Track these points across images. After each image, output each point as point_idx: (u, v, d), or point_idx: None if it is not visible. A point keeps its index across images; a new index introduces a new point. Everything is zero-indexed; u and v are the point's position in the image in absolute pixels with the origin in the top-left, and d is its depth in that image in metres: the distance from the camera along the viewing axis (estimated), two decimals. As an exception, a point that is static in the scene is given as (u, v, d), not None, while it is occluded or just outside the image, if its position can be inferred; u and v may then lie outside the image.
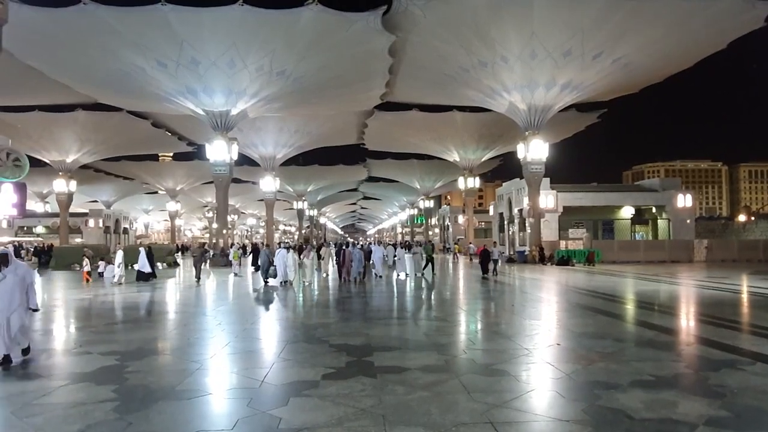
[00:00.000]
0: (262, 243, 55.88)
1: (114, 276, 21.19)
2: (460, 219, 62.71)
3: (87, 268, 21.87)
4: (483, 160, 51.31)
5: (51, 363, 8.15)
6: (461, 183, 52.21)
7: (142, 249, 22.67)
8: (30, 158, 14.45)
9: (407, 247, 25.63)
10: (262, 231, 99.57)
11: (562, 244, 35.99)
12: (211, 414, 5.76)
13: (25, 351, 7.89)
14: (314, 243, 52.50)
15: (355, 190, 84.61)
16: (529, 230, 37.08)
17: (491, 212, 56.52)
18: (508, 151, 47.09)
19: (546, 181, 36.34)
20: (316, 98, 35.02)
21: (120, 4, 24.80)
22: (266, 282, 20.12)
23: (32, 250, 43.53)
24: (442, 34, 27.51)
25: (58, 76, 30.75)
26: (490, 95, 33.04)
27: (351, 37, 26.71)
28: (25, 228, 61.86)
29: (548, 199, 36.41)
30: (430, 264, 25.14)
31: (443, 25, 26.84)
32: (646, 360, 7.69)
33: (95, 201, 69.32)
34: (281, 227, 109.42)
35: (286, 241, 56.90)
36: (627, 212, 40.82)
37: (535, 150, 34.00)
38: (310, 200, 75.49)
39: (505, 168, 62.00)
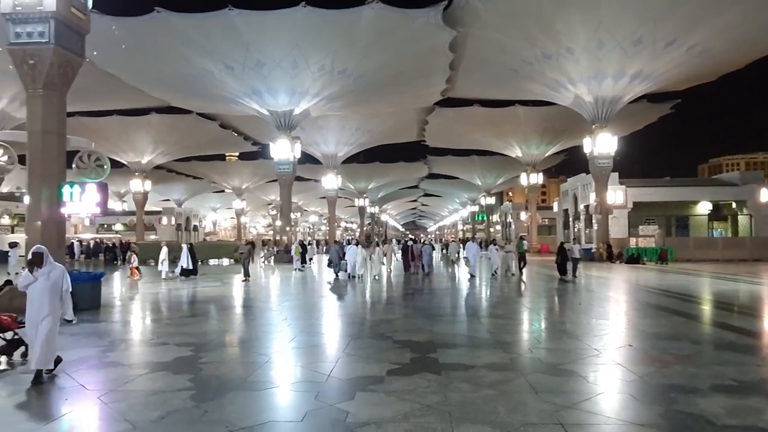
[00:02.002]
0: (325, 240, 56.79)
1: (177, 270, 22.27)
2: (523, 216, 61.39)
3: (135, 263, 22.86)
4: (546, 155, 49.94)
5: (131, 353, 8.66)
6: (524, 179, 51.06)
7: (184, 246, 23.47)
8: (109, 160, 15.36)
9: (480, 244, 25.29)
10: (324, 228, 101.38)
11: (632, 241, 34.49)
12: (281, 406, 5.93)
13: (54, 365, 6.79)
14: (376, 240, 52.94)
15: (415, 187, 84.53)
16: (596, 227, 35.80)
17: (555, 209, 55.08)
18: (574, 145, 45.64)
19: (614, 175, 34.98)
20: (376, 96, 35.23)
21: (190, 11, 25.88)
22: (337, 276, 21.30)
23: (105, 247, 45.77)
24: (504, 27, 26.98)
25: (134, 82, 32.47)
26: (554, 88, 32.10)
27: (412, 34, 26.66)
28: (105, 225, 65.80)
29: (617, 194, 35.03)
30: (523, 263, 22.34)
31: (506, 18, 26.32)
32: (727, 364, 7.27)
33: (168, 200, 72.84)
34: (343, 224, 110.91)
35: (348, 238, 57.61)
36: (703, 208, 38.58)
37: (603, 144, 32.76)
38: (371, 197, 76.07)
39: (570, 163, 60.07)
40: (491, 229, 79.40)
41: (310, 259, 30.23)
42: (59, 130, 13.12)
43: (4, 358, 7.48)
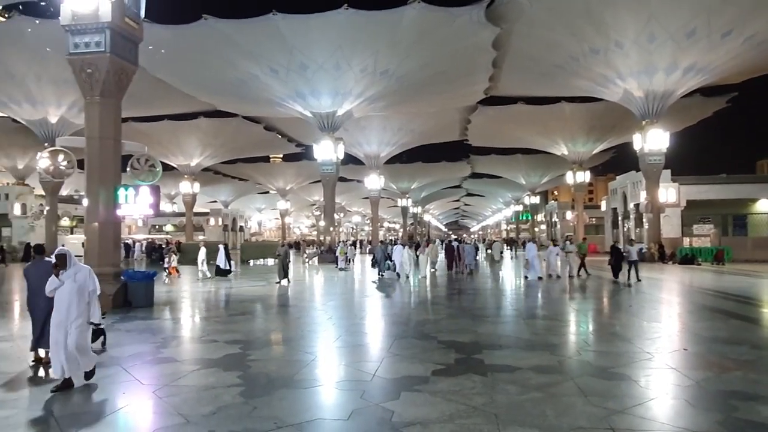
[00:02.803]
0: (368, 241, 57.02)
1: (234, 270, 22.78)
2: (569, 215, 60.01)
3: (174, 263, 23.39)
4: (594, 152, 48.64)
5: (183, 349, 8.94)
6: (570, 177, 49.87)
7: (221, 246, 23.93)
8: (160, 163, 15.90)
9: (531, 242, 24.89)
10: (367, 228, 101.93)
11: (686, 241, 33.20)
12: (327, 404, 6.00)
13: (89, 374, 6.50)
14: (418, 240, 52.82)
15: (458, 186, 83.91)
16: (646, 226, 34.63)
17: (603, 207, 53.64)
18: (622, 142, 44.31)
19: (666, 173, 33.76)
20: (419, 96, 35.17)
21: (236, 17, 26.51)
22: (381, 275, 21.68)
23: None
24: (549, 23, 26.45)
25: (183, 87, 33.53)
26: (602, 84, 31.23)
27: (454, 33, 26.49)
28: (157, 226, 68.22)
29: (669, 192, 33.80)
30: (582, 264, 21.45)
31: (551, 13, 25.81)
32: (792, 370, 6.90)
33: (215, 201, 74.88)
34: (385, 224, 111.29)
35: (392, 238, 57.74)
36: (764, 206, 36.74)
37: (654, 140, 31.65)
38: (413, 197, 75.98)
39: (619, 160, 58.50)
40: (536, 229, 77.98)
41: (350, 260, 30.47)
42: (115, 135, 13.69)
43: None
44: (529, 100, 40.23)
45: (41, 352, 7.43)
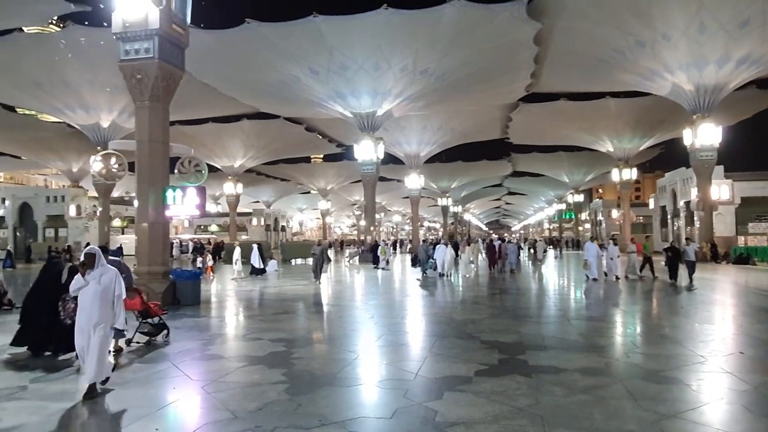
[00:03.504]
0: (409, 240, 57.00)
1: (275, 269, 23.09)
2: (615, 213, 58.38)
3: (210, 263, 23.75)
4: (641, 149, 47.11)
5: (229, 346, 9.16)
6: (615, 175, 48.49)
7: (255, 246, 24.17)
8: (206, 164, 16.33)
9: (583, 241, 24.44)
10: (407, 228, 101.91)
11: (740, 240, 31.78)
12: (371, 402, 6.04)
13: (89, 392, 5.96)
14: (457, 239, 52.47)
15: (499, 185, 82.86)
16: (698, 225, 33.34)
17: (651, 205, 51.96)
18: (671, 137, 42.79)
19: (719, 169, 32.41)
20: (459, 94, 34.90)
21: (278, 20, 26.96)
22: (425, 274, 21.84)
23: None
24: (593, 16, 25.79)
25: (227, 90, 34.31)
26: (649, 78, 30.23)
27: (494, 30, 26.17)
28: (202, 227, 70.08)
29: (722, 189, 32.45)
30: (648, 264, 20.03)
31: (595, 7, 25.16)
32: None
33: (257, 201, 76.34)
34: (426, 224, 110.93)
35: (432, 237, 57.55)
36: (825, 203, 34.84)
37: (705, 135, 30.40)
38: (453, 197, 75.50)
39: (667, 156, 56.39)
40: (579, 228, 76.22)
41: (388, 261, 30.50)
42: (164, 138, 14.15)
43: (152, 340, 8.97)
44: (572, 96, 39.33)
45: (121, 342, 8.27)
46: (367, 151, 35.99)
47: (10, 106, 38.57)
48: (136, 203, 14.78)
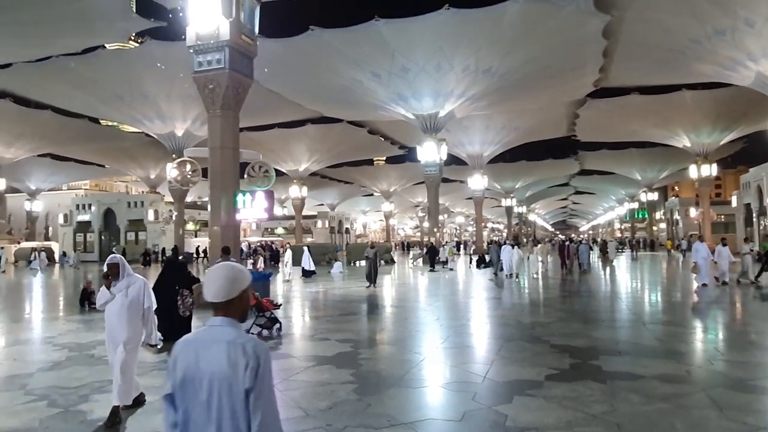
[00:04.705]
0: (472, 241, 56.37)
1: (339, 271, 23.41)
2: (693, 212, 55.20)
3: (261, 265, 23.95)
4: (721, 143, 44.26)
5: (298, 346, 9.40)
6: (693, 171, 45.78)
7: (305, 248, 24.27)
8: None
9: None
10: (470, 229, 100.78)
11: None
12: (439, 404, 6.02)
13: (136, 402, 5.61)
14: (520, 240, 51.34)
15: (565, 184, 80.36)
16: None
17: (734, 203, 48.80)
18: (756, 130, 39.96)
19: (810, 163, 29.98)
20: (522, 93, 34.17)
21: (340, 26, 27.42)
22: (496, 275, 21.94)
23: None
24: (666, 6, 24.51)
25: (292, 97, 35.25)
26: (729, 67, 28.36)
27: (560, 25, 25.42)
28: (269, 229, 72.28)
29: (814, 185, 29.96)
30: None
31: (667, -5, 23.95)
32: None
33: (322, 204, 77.89)
34: (489, 225, 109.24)
35: (497, 238, 56.65)
36: None
37: (794, 127, 28.24)
38: (518, 197, 73.97)
39: (752, 150, 52.61)
40: (654, 228, 72.63)
41: (446, 262, 30.26)
42: (234, 145, 14.72)
43: (265, 332, 9.83)
44: (645, 90, 37.54)
45: None
46: (429, 152, 35.91)
47: (95, 118, 41.44)
48: (209, 207, 15.44)
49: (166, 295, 9.33)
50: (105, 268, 5.51)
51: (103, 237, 51.27)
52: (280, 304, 11.70)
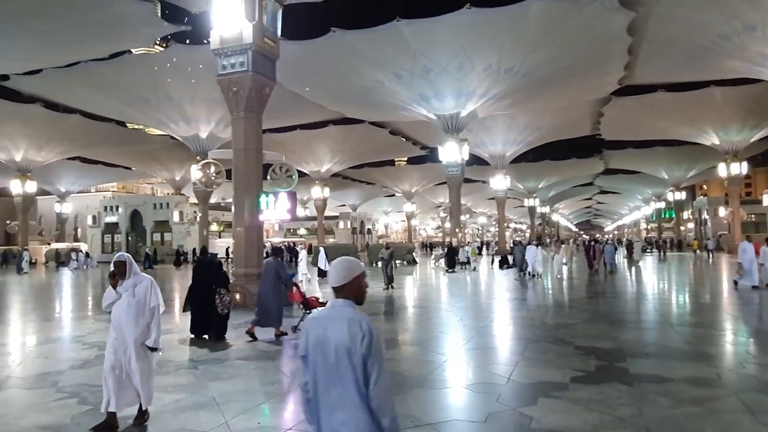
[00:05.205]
0: (495, 242, 55.96)
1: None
2: (722, 211, 53.97)
3: None
4: (751, 140, 43.16)
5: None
6: (722, 170, 44.74)
7: (321, 248, 24.26)
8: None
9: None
10: (492, 229, 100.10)
11: None
12: (462, 405, 5.99)
13: (140, 417, 5.35)
14: (547, 240, 50.82)
15: (590, 184, 79.25)
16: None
17: (765, 202, 47.58)
18: (788, 127, 38.94)
19: None
20: (546, 91, 33.82)
21: (362, 27, 27.49)
22: (522, 275, 22.00)
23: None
24: (693, 1, 23.98)
25: (314, 98, 35.45)
26: (761, 63, 27.63)
27: (584, 22, 25.09)
28: (291, 230, 72.82)
29: None
30: None
31: (695, -9, 23.46)
32: None
33: (343, 205, 78.17)
34: (512, 225, 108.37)
35: (518, 239, 56.16)
36: None
37: (829, 123, 27.39)
38: (541, 197, 73.20)
39: (784, 148, 51.29)
40: (681, 228, 71.16)
41: (464, 263, 30.07)
42: (257, 146, 14.88)
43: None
44: (671, 87, 36.81)
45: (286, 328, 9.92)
46: (451, 152, 35.77)
47: (122, 121, 42.31)
48: (233, 209, 15.62)
49: (204, 293, 9.85)
50: (112, 266, 5.26)
51: (130, 238, 52.27)
52: (326, 302, 11.80)
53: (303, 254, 23.58)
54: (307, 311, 10.35)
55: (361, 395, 2.48)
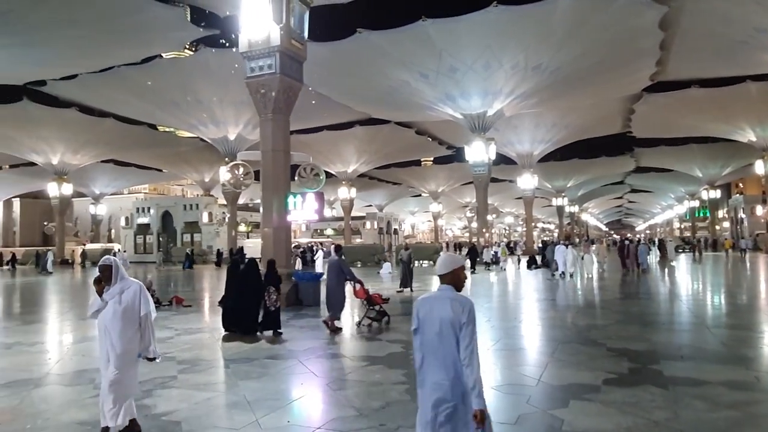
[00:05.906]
0: (523, 241, 55.44)
1: (389, 272, 23.46)
2: (759, 210, 52.33)
3: (299, 266, 24.11)
4: (791, 136, 41.81)
5: (349, 346, 9.48)
6: (759, 167, 43.38)
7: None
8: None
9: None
10: (520, 229, 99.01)
11: None
12: (492, 407, 5.83)
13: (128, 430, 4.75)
14: (576, 240, 50.03)
15: (620, 183, 77.71)
16: None
17: (805, 200, 45.94)
18: (829, 122, 37.54)
19: None
20: (574, 89, 33.29)
21: (387, 27, 27.51)
22: (554, 275, 21.88)
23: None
24: (728, -6, 23.40)
25: (341, 99, 35.66)
26: (799, 56, 26.78)
27: (613, 17, 24.63)
28: (318, 230, 73.29)
29: None
30: None
31: (730, -17, 22.82)
32: None
33: (370, 205, 78.35)
34: (540, 225, 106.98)
35: (547, 239, 55.46)
36: None
37: None
38: (569, 196, 72.08)
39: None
40: (716, 227, 69.21)
41: (487, 263, 29.80)
42: (285, 147, 15.02)
43: (375, 324, 10.94)
44: (705, 83, 35.89)
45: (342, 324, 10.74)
46: (477, 152, 35.52)
47: (153, 124, 43.27)
48: (261, 210, 15.80)
49: (252, 292, 10.32)
50: (97, 271, 4.82)
51: (161, 239, 53.35)
52: (388, 299, 12.19)
53: (320, 254, 23.97)
54: (371, 307, 11.04)
55: (457, 358, 3.21)
